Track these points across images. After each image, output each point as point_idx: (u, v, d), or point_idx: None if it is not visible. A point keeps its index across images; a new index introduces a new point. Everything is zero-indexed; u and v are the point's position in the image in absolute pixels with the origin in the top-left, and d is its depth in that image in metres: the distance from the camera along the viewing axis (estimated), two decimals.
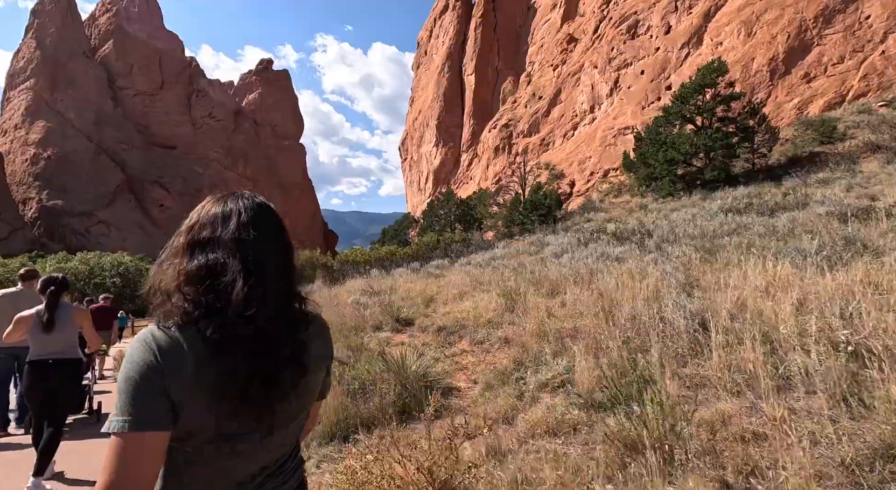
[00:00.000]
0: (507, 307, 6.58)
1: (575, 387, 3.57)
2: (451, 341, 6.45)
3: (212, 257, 1.01)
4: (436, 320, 7.73)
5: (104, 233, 75.85)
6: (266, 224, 1.08)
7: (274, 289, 1.03)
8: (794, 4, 27.90)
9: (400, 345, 7.07)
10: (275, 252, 1.07)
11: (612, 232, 13.13)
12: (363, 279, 15.50)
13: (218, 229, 1.05)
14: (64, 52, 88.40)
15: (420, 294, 10.17)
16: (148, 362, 0.93)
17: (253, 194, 1.15)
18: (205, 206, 1.12)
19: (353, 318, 8.91)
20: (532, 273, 8.77)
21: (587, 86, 39.37)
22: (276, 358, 1.01)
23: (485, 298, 8.07)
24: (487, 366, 4.94)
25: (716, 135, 19.22)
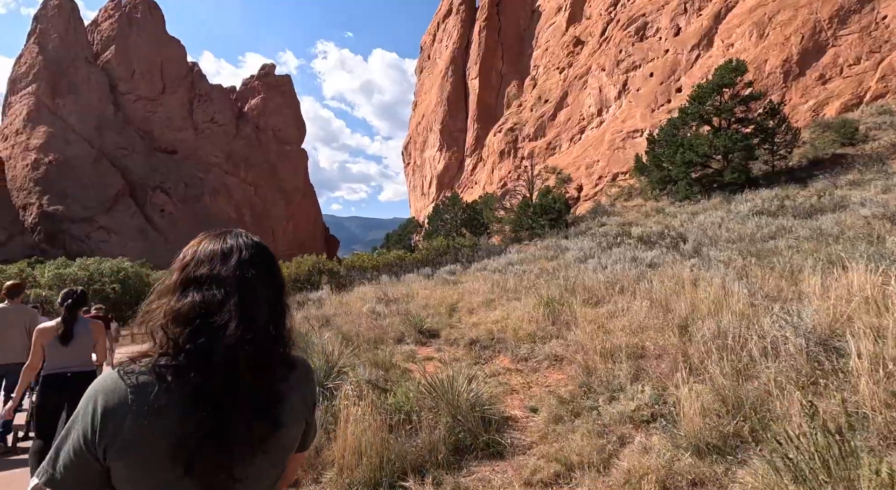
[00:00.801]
0: (549, 318, 5.91)
1: (675, 422, 2.90)
2: (488, 357, 5.78)
3: (208, 295, 0.97)
4: (464, 332, 7.07)
5: (104, 239, 75.26)
6: (264, 263, 1.06)
7: (264, 332, 0.99)
8: (807, 5, 27.44)
9: (427, 360, 6.40)
10: (272, 293, 1.04)
11: (637, 236, 12.48)
12: (373, 286, 14.87)
13: (216, 266, 1.00)
14: (66, 57, 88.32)
15: (441, 302, 9.52)
16: (90, 421, 0.90)
17: (248, 233, 1.12)
18: (201, 242, 1.08)
19: (370, 329, 8.25)
20: (564, 279, 8.10)
21: (594, 89, 38.89)
22: (243, 412, 0.94)
23: (516, 307, 7.41)
24: (542, 388, 4.27)
25: (735, 136, 18.62)
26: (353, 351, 6.55)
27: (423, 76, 73.04)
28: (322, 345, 6.47)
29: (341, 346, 6.45)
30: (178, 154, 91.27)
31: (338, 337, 7.51)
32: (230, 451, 0.93)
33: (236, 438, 0.94)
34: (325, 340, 7.21)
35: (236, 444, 0.94)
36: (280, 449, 1.05)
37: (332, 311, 10.73)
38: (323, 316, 10.29)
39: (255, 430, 0.96)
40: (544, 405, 3.83)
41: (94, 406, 0.91)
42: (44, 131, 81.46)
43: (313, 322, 9.83)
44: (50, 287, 29.31)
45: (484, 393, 3.94)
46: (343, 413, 3.34)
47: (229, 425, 0.92)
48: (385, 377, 4.92)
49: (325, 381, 4.70)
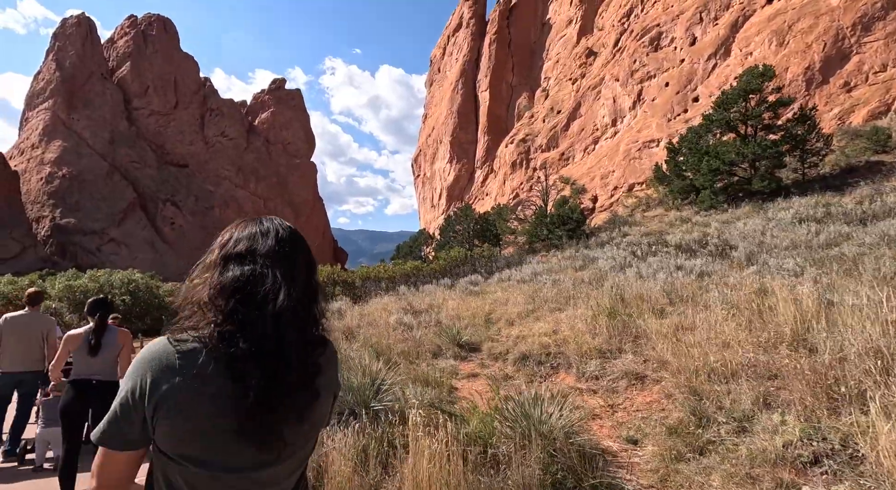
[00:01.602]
0: (612, 330, 5.24)
1: (859, 467, 2.23)
2: (545, 374, 5.12)
3: (248, 269, 1.02)
4: (508, 345, 6.41)
5: (115, 251, 75.55)
6: (299, 242, 1.12)
7: (304, 306, 1.04)
8: (828, 13, 26.98)
9: (471, 377, 5.75)
10: (306, 274, 1.09)
11: (675, 244, 11.79)
12: (392, 296, 14.26)
13: (256, 243, 1.06)
14: (82, 73, 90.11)
15: (473, 313, 8.87)
16: (140, 381, 0.96)
17: (279, 218, 1.17)
18: (238, 225, 1.13)
19: (401, 342, 7.62)
20: (612, 288, 7.43)
21: (608, 99, 38.52)
22: (293, 380, 1.00)
23: (564, 318, 6.75)
24: (631, 414, 3.60)
25: (764, 142, 17.98)
26: (389, 366, 5.92)
27: (434, 89, 73.41)
28: (359, 359, 5.85)
29: (377, 361, 5.83)
30: (188, 167, 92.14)
31: (369, 350, 6.89)
32: (280, 414, 0.98)
33: (284, 403, 0.98)
34: (359, 353, 6.59)
35: (285, 409, 0.98)
36: (318, 417, 1.11)
37: (354, 322, 10.11)
38: (346, 328, 9.67)
39: (300, 398, 1.02)
40: (646, 436, 3.16)
41: (146, 368, 0.96)
42: (58, 145, 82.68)
43: (338, 334, 9.23)
44: (60, 299, 28.97)
45: (569, 419, 3.28)
46: (413, 445, 2.70)
47: (279, 390, 0.97)
48: (440, 397, 4.27)
49: (371, 400, 4.06)
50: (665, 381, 3.83)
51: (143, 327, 28.23)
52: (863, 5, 25.93)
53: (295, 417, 1.01)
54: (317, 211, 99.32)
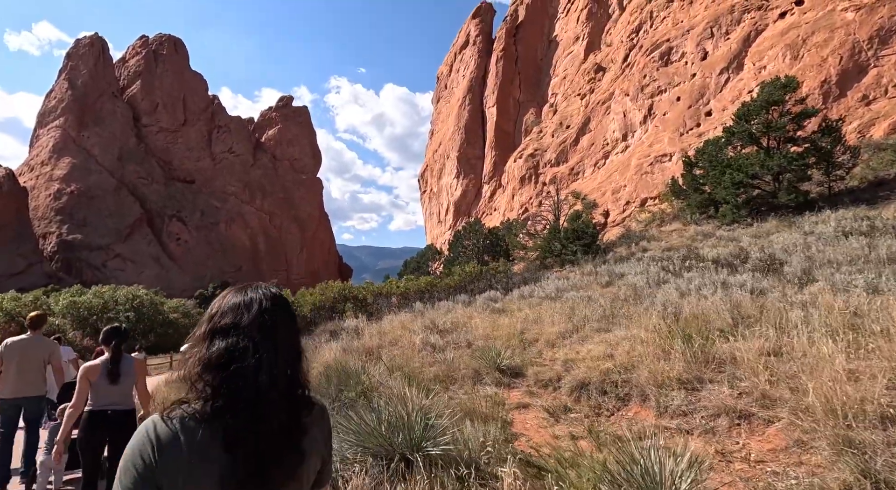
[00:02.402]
0: (689, 356, 4.57)
1: None
2: (613, 407, 4.43)
3: (231, 342, 1.06)
4: (557, 370, 5.73)
5: (120, 267, 75.32)
6: (283, 313, 1.14)
7: (287, 375, 1.09)
8: (843, 27, 26.76)
9: (520, 408, 5.07)
10: (289, 339, 1.13)
11: (711, 259, 11.12)
12: (408, 313, 13.60)
13: (239, 316, 1.09)
14: (93, 91, 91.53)
15: (506, 333, 8.20)
16: (145, 457, 0.99)
17: (269, 286, 1.20)
18: (225, 296, 1.16)
19: (431, 365, 6.96)
20: (664, 306, 6.76)
21: (618, 114, 38.30)
22: (280, 445, 1.05)
23: (612, 340, 6.08)
24: (759, 468, 2.92)
25: (790, 155, 17.43)
26: (425, 393, 5.26)
27: (440, 105, 73.83)
28: (390, 384, 5.20)
29: (410, 387, 5.18)
30: (195, 183, 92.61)
31: (399, 374, 6.24)
32: (269, 483, 1.04)
33: (273, 471, 1.04)
34: (385, 377, 5.94)
35: (273, 476, 1.04)
36: (305, 476, 1.14)
37: (374, 341, 9.45)
38: (366, 348, 9.02)
39: (287, 462, 1.07)
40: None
41: (150, 448, 0.99)
42: (68, 162, 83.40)
43: (357, 355, 8.57)
44: (63, 315, 28.29)
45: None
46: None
47: (268, 461, 1.02)
48: (495, 436, 3.60)
49: (424, 441, 3.40)
50: (782, 421, 3.16)
51: (147, 344, 27.59)
52: (879, 19, 25.70)
53: (282, 481, 1.06)
54: (322, 226, 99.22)
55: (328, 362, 8.21)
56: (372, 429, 3.56)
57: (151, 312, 33.31)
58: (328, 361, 8.26)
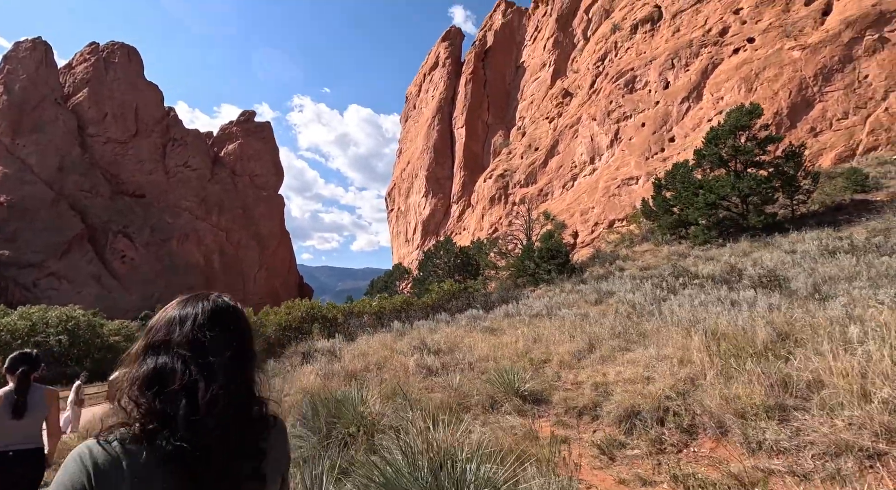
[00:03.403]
0: (763, 378, 3.94)
1: None
2: (678, 442, 3.71)
3: (161, 361, 0.99)
4: (589, 396, 4.99)
5: (53, 286, 68.89)
6: (224, 326, 1.06)
7: (230, 395, 0.99)
8: (791, 64, 28.80)
9: (561, 443, 4.26)
10: (232, 356, 1.03)
11: (706, 275, 10.90)
12: (386, 333, 12.57)
13: (172, 332, 1.02)
14: (32, 98, 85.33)
15: (510, 354, 7.41)
16: (78, 485, 0.90)
17: (220, 296, 1.12)
18: (166, 309, 1.09)
19: (429, 390, 6.05)
20: (691, 323, 6.22)
21: (586, 137, 39.35)
22: (232, 472, 0.98)
23: (641, 359, 5.44)
24: None
25: (758, 178, 18.05)
26: (434, 424, 4.38)
27: (409, 124, 73.90)
28: (408, 419, 4.26)
29: (413, 415, 4.29)
30: (146, 197, 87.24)
31: (398, 401, 5.31)
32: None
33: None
34: (385, 407, 4.99)
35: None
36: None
37: (357, 364, 8.42)
38: (349, 372, 7.97)
39: (246, 488, 1.00)
40: None
41: (86, 478, 0.90)
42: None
43: (340, 379, 7.52)
44: None
45: None
46: None
47: (211, 486, 0.94)
48: None
49: None
50: None
51: (82, 370, 24.59)
52: (822, 58, 27.82)
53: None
54: (283, 244, 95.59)
55: (309, 389, 7.11)
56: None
57: (88, 335, 30.04)
58: (308, 388, 7.16)
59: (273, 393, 5.61)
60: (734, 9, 32.91)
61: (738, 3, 32.83)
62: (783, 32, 30.09)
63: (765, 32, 30.80)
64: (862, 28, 27.03)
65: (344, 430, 4.70)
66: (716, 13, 33.67)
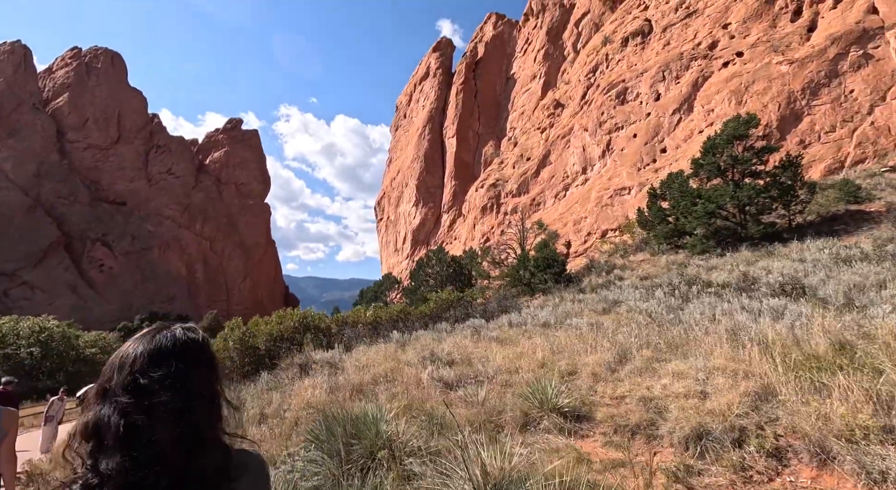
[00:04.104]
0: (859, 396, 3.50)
1: None
2: (768, 469, 3.23)
3: (102, 411, 0.91)
4: (638, 412, 4.50)
5: (26, 296, 66.16)
6: (168, 369, 0.95)
7: (166, 454, 0.90)
8: (780, 77, 29.36)
9: (617, 468, 3.75)
10: (183, 400, 0.94)
11: (720, 283, 10.60)
12: (387, 344, 11.94)
13: (110, 380, 0.94)
14: (9, 102, 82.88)
15: (530, 365, 6.90)
16: None
17: (178, 329, 1.03)
18: (126, 343, 1.01)
19: (449, 404, 5.49)
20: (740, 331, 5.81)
21: (577, 148, 39.51)
22: None
23: (689, 372, 4.99)
24: None
25: (757, 187, 18.05)
26: (466, 447, 3.84)
27: (399, 134, 73.68)
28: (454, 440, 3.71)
29: (436, 437, 3.76)
30: (126, 205, 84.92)
31: (421, 418, 4.76)
32: None
33: None
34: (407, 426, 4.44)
35: None
36: None
37: (362, 377, 7.80)
38: (356, 386, 7.36)
39: None
40: None
41: None
42: None
43: (346, 393, 6.91)
44: None
45: None
46: None
47: None
48: None
49: None
50: None
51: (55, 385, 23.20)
52: (809, 72, 28.41)
53: None
54: (269, 254, 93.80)
55: (314, 403, 6.49)
56: None
57: (62, 347, 28.56)
58: (314, 402, 6.54)
59: (271, 407, 4.78)
60: (723, 23, 33.59)
61: (727, 18, 33.54)
62: (771, 47, 30.73)
63: (753, 47, 31.43)
64: (847, 44, 27.71)
65: (366, 453, 4.12)
66: (705, 27, 34.33)
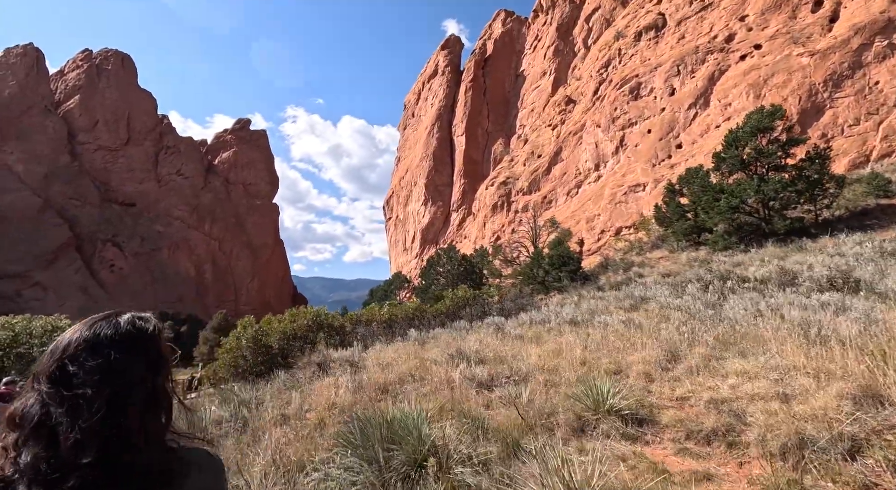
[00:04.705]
0: None
1: None
2: (890, 488, 2.74)
3: (23, 400, 0.86)
4: (708, 415, 4.01)
5: (38, 296, 66.63)
6: (101, 359, 0.88)
7: (94, 447, 0.83)
8: (800, 69, 28.56)
9: (704, 481, 3.27)
10: (102, 397, 0.86)
11: (759, 278, 10.05)
12: (405, 343, 11.53)
13: (41, 367, 0.89)
14: (21, 104, 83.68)
15: (572, 363, 6.43)
16: None
17: (126, 317, 0.95)
18: (73, 326, 0.95)
19: (487, 406, 5.06)
20: (801, 329, 5.30)
21: (590, 144, 38.88)
22: None
23: (758, 371, 4.49)
24: None
25: (783, 181, 17.40)
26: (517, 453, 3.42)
27: (407, 132, 73.35)
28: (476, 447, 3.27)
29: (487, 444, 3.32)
30: (136, 206, 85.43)
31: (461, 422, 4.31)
32: None
33: None
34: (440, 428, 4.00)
35: None
36: None
37: (386, 376, 7.37)
38: (378, 384, 6.93)
39: None
40: None
41: None
42: None
43: (371, 393, 6.49)
44: None
45: None
46: None
47: None
48: None
49: None
50: None
51: None
52: (831, 64, 27.59)
53: None
54: (277, 254, 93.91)
55: (338, 404, 6.07)
56: None
57: None
58: (337, 403, 6.11)
59: (291, 407, 4.11)
60: (740, 16, 32.82)
61: (744, 10, 32.76)
62: (790, 39, 29.93)
63: (772, 39, 30.64)
64: (871, 34, 26.86)
65: (408, 460, 3.68)
66: (721, 20, 33.57)
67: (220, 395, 8.40)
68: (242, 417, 6.53)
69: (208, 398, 9.54)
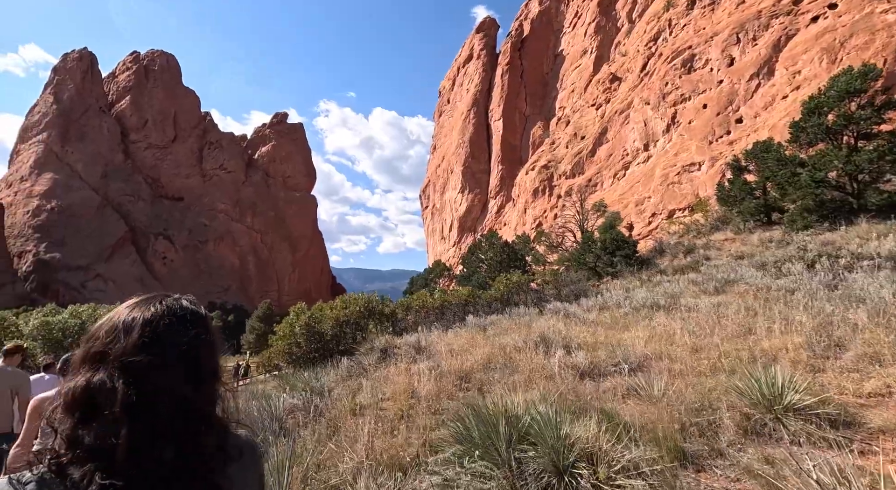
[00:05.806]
0: None
1: None
2: None
3: (96, 379, 0.80)
4: None
5: (101, 288, 70.84)
6: (175, 340, 0.86)
7: (172, 427, 0.82)
8: (885, 28, 25.59)
9: None
10: (179, 377, 0.84)
11: (887, 255, 8.74)
12: (465, 330, 10.93)
13: (112, 342, 0.84)
14: (79, 106, 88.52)
15: (684, 351, 5.58)
16: None
17: (179, 298, 0.93)
18: (115, 312, 0.90)
19: (599, 398, 4.32)
20: None
21: (638, 123, 36.77)
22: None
23: None
24: None
25: (882, 149, 15.46)
26: None
27: (443, 120, 72.39)
28: None
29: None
30: (184, 201, 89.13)
31: (591, 415, 3.58)
32: None
33: None
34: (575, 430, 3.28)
35: None
36: None
37: (462, 363, 6.75)
38: (456, 372, 6.32)
39: None
40: None
41: None
42: (49, 178, 79.56)
43: (451, 382, 5.89)
44: (34, 337, 24.53)
45: None
46: None
47: None
48: None
49: None
50: None
51: None
52: None
53: None
54: (315, 245, 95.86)
55: (421, 394, 5.50)
56: None
57: None
58: (420, 392, 5.55)
59: (362, 396, 3.13)
60: None
61: None
62: None
63: None
64: None
65: (548, 465, 3.00)
66: None
67: (283, 381, 8.07)
68: (315, 406, 6.08)
69: (270, 385, 9.28)
